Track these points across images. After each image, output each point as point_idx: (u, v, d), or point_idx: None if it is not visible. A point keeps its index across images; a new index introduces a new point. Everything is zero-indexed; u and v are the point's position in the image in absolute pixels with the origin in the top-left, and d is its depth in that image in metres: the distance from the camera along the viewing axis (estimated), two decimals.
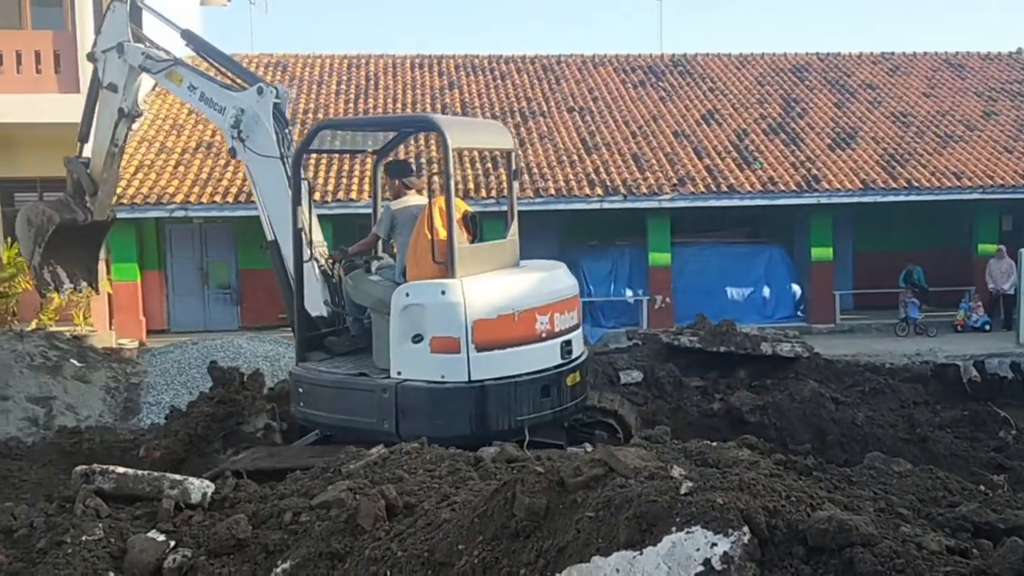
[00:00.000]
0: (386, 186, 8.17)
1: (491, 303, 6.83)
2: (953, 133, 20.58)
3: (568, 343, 7.32)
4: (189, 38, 8.86)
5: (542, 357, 7.08)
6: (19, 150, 18.37)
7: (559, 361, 7.20)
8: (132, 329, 17.59)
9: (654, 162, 19.05)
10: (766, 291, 19.14)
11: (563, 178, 18.39)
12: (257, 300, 18.57)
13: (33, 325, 15.69)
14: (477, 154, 18.17)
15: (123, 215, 17.03)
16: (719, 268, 18.99)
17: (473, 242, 7.38)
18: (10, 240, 14.36)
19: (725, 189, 18.19)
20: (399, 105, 21.39)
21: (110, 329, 17.54)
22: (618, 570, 3.40)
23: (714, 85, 22.81)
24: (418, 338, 6.81)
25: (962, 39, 71.04)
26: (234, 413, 8.40)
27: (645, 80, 23.02)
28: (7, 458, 8.28)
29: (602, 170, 18.73)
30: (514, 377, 6.88)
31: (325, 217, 15.94)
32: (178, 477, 5.52)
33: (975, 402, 10.34)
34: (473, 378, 6.74)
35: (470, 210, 7.51)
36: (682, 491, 3.58)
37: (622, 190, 18.04)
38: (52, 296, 10.60)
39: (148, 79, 9.22)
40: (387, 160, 8.61)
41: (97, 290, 10.69)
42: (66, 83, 17.18)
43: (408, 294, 6.90)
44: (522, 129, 20.36)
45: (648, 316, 18.39)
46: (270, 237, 8.00)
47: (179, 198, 17.43)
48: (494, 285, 7.06)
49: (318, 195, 17.27)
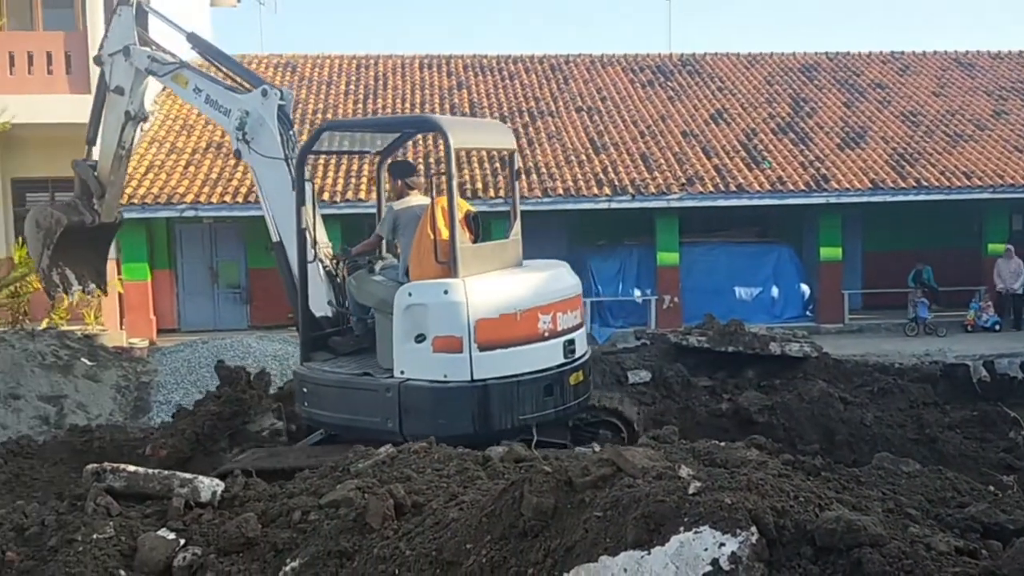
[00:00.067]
0: (389, 186, 8.19)
1: (493, 302, 6.84)
2: (963, 132, 20.49)
3: (571, 342, 7.32)
4: (194, 41, 8.89)
5: (544, 356, 7.08)
6: (31, 150, 18.49)
7: (562, 360, 7.20)
8: (142, 328, 17.68)
9: (662, 162, 19.03)
10: (775, 291, 19.11)
11: (571, 178, 18.39)
12: (267, 299, 18.62)
13: (44, 324, 15.75)
14: (485, 154, 18.18)
15: (134, 215, 17.14)
16: (727, 268, 18.96)
17: (475, 242, 7.39)
18: (21, 240, 14.42)
19: (734, 189, 18.17)
20: (408, 105, 21.41)
21: (121, 328, 17.64)
22: (626, 570, 3.41)
23: (723, 85, 22.77)
24: (421, 338, 6.82)
25: (972, 38, 70.81)
26: (240, 412, 8.42)
27: (653, 80, 23.00)
28: (19, 456, 8.31)
29: (610, 170, 18.72)
30: (516, 376, 6.88)
31: (335, 217, 16.11)
32: (188, 476, 5.54)
33: (985, 402, 10.27)
34: (475, 377, 6.75)
35: (472, 210, 7.51)
36: (690, 491, 3.59)
37: (630, 190, 18.03)
38: (61, 298, 10.65)
39: (155, 82, 9.26)
40: (390, 161, 8.62)
41: (105, 292, 10.74)
42: (77, 84, 17.27)
43: (411, 294, 6.91)
44: (530, 129, 20.35)
45: (656, 316, 18.37)
46: (275, 238, 8.02)
47: (189, 198, 17.51)
48: (496, 285, 7.06)
49: (328, 195, 17.32)
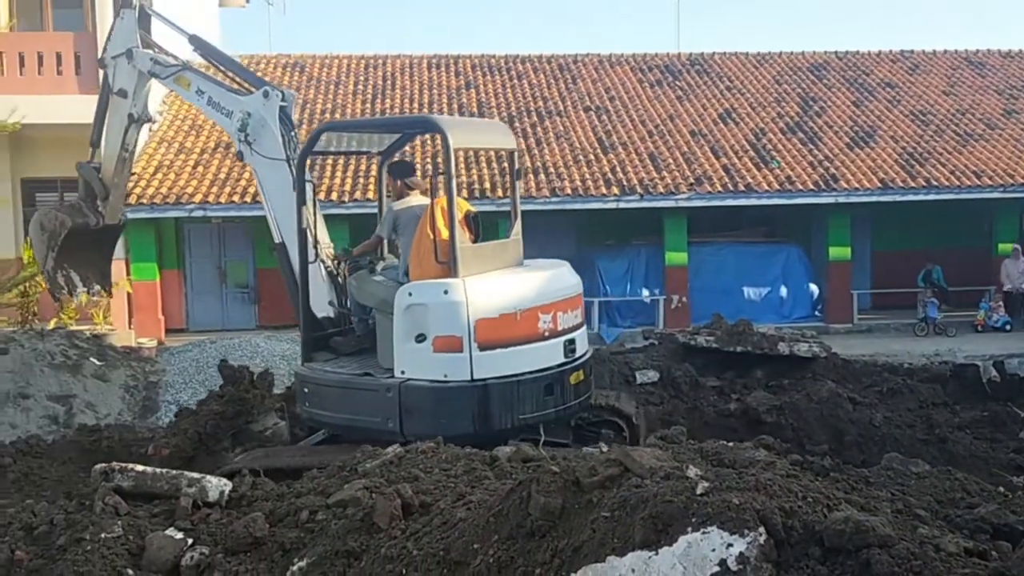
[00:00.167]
0: (389, 187, 8.19)
1: (493, 302, 6.83)
2: (973, 131, 20.41)
3: (571, 342, 7.31)
4: (197, 43, 8.91)
5: (545, 356, 7.07)
6: (41, 150, 18.56)
7: (562, 360, 7.18)
8: (151, 328, 17.73)
9: (671, 161, 19.01)
10: (783, 291, 19.07)
11: (579, 177, 18.38)
12: (275, 299, 18.60)
13: (53, 324, 15.81)
14: (493, 155, 18.18)
15: (142, 215, 17.22)
16: (736, 268, 18.93)
17: (475, 242, 7.38)
18: (30, 240, 14.49)
19: (742, 188, 18.13)
20: (416, 105, 21.42)
21: (129, 328, 17.70)
22: (633, 570, 3.40)
23: (731, 84, 22.72)
24: (421, 337, 6.82)
25: (982, 37, 70.54)
26: (243, 412, 8.41)
27: (662, 79, 22.97)
28: (28, 456, 8.34)
29: (619, 169, 18.70)
30: (517, 376, 6.87)
31: (343, 217, 16.14)
32: (196, 475, 5.55)
33: (995, 403, 10.21)
34: (476, 377, 6.74)
35: (472, 210, 7.50)
36: (698, 491, 3.58)
37: (639, 189, 18.01)
38: (66, 300, 10.68)
39: (158, 84, 9.29)
40: (391, 161, 8.64)
41: (110, 294, 10.77)
42: (86, 84, 17.33)
43: (411, 294, 6.91)
44: (538, 128, 20.35)
45: (664, 316, 18.36)
46: (278, 239, 8.03)
47: (198, 198, 17.57)
48: (497, 284, 7.06)
49: (336, 195, 17.34)
